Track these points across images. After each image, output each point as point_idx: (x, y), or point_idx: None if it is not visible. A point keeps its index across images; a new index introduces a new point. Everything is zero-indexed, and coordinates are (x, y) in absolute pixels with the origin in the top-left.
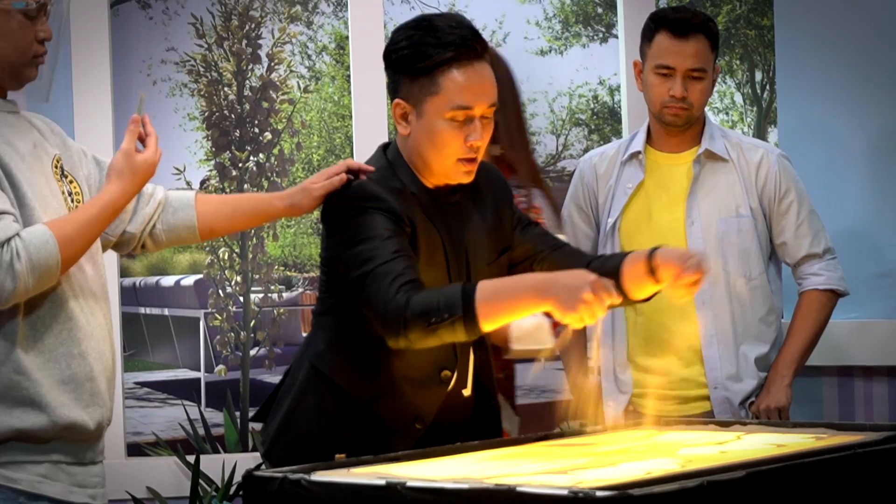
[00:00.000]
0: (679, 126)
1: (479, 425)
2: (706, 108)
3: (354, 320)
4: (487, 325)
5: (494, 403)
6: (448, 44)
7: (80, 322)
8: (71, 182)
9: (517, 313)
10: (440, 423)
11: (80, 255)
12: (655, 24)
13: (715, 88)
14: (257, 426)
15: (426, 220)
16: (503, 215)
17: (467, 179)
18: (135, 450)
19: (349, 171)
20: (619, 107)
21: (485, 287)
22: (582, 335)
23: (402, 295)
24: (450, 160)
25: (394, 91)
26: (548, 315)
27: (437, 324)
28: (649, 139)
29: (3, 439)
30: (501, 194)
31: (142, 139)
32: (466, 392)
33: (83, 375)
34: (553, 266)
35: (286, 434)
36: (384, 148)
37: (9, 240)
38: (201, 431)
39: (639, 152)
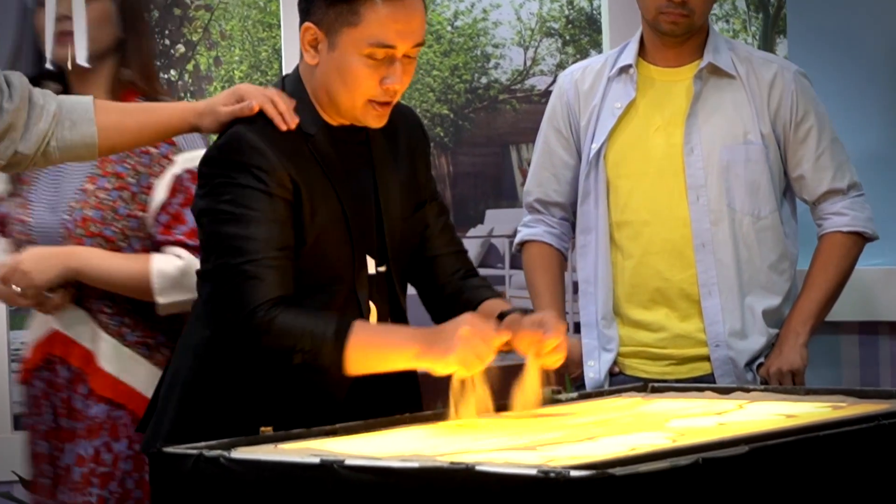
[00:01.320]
0: (677, 36)
1: (397, 398)
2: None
3: None
4: (353, 372)
5: (416, 381)
6: None
7: None
8: None
9: (390, 366)
10: (357, 401)
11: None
12: None
13: None
14: None
15: (321, 174)
16: (418, 166)
17: (378, 124)
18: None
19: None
20: (599, 13)
21: (360, 334)
22: (559, 283)
23: (265, 312)
24: (360, 100)
25: (305, 11)
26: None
27: (297, 358)
28: (642, 51)
29: None
30: (418, 141)
31: None
32: None
33: None
34: (439, 269)
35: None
36: (283, 79)
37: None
38: None
39: (630, 66)
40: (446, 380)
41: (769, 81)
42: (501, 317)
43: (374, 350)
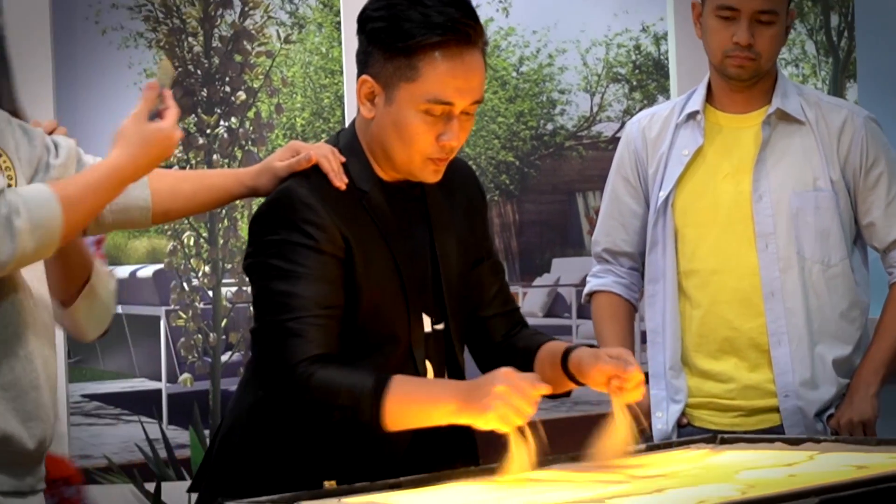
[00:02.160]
0: (744, 80)
1: (455, 449)
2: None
3: None
4: (392, 428)
5: (472, 432)
6: (435, 25)
7: (25, 318)
8: (2, 157)
9: (428, 422)
10: (415, 453)
11: (84, 223)
12: None
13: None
14: None
15: (375, 232)
16: (475, 222)
17: (434, 180)
18: (83, 476)
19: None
20: (666, 59)
21: (397, 389)
22: (628, 333)
23: (305, 369)
24: (417, 157)
25: (363, 64)
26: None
27: (336, 415)
28: (709, 97)
29: None
30: (473, 197)
31: (160, 113)
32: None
33: (27, 383)
34: (492, 329)
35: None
36: (338, 133)
37: (2, 192)
38: (163, 454)
39: (697, 112)
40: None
41: (839, 127)
42: (566, 354)
43: (412, 405)
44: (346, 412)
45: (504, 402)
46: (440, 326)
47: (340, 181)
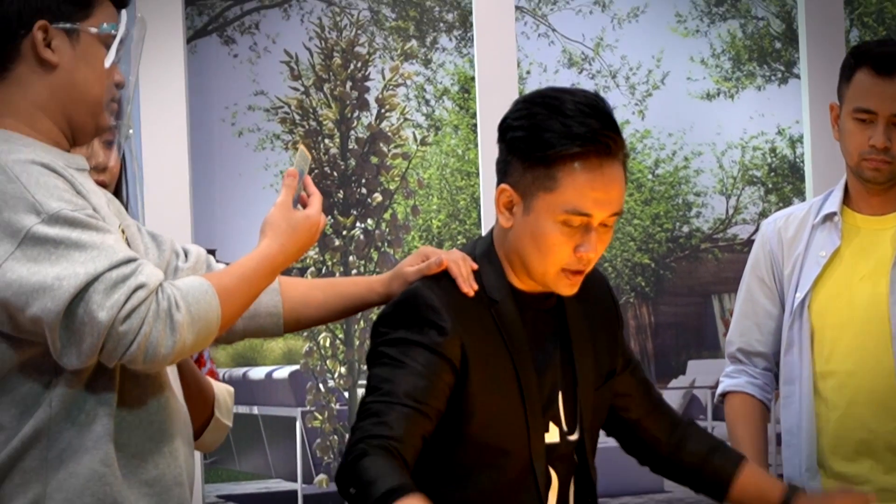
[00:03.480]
0: (881, 183)
1: None
2: None
3: (436, 444)
4: None
5: None
6: (576, 136)
7: (171, 416)
8: None
9: None
10: None
11: (239, 314)
12: (856, 60)
13: None
14: None
15: (500, 342)
16: (611, 335)
17: (570, 292)
18: None
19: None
20: (802, 161)
21: None
22: (762, 434)
23: (362, 447)
24: (553, 267)
25: (502, 172)
26: None
27: (351, 496)
28: (847, 198)
29: None
30: (609, 309)
31: (302, 203)
32: None
33: (171, 479)
34: (646, 429)
35: None
36: (475, 242)
37: (161, 285)
38: None
39: (834, 213)
40: None
41: None
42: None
43: None
44: (354, 500)
45: None
46: (574, 437)
47: (469, 287)
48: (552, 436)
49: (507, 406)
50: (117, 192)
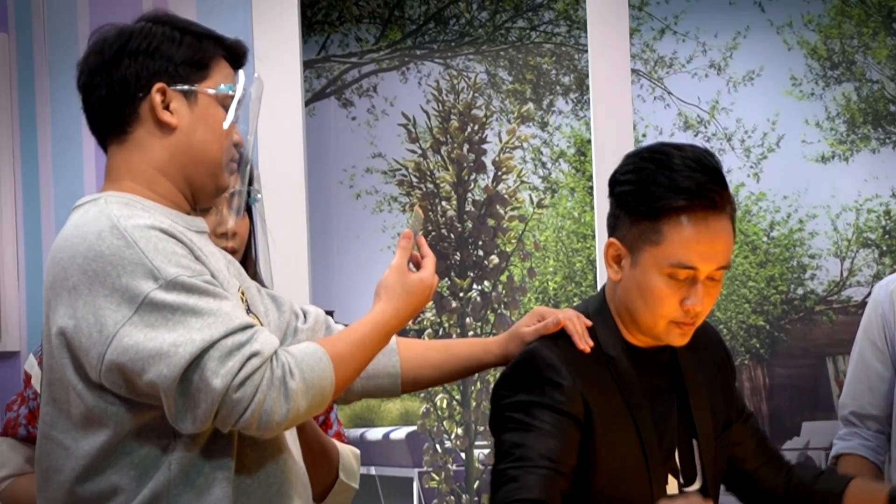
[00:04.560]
0: None
1: None
2: None
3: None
4: None
5: None
6: (682, 189)
7: (290, 478)
8: (255, 318)
9: None
10: None
11: (353, 379)
12: None
13: None
14: None
15: (619, 397)
16: (725, 384)
17: (681, 343)
18: None
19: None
20: None
21: None
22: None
23: None
24: (662, 321)
25: (611, 227)
26: None
27: None
28: None
29: None
30: (722, 359)
31: (416, 263)
32: None
33: None
34: (763, 480)
35: None
36: (588, 299)
37: (276, 353)
38: None
39: None
40: None
41: None
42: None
43: None
44: None
45: None
46: (695, 486)
47: (585, 344)
48: (671, 487)
49: (630, 459)
50: (246, 256)
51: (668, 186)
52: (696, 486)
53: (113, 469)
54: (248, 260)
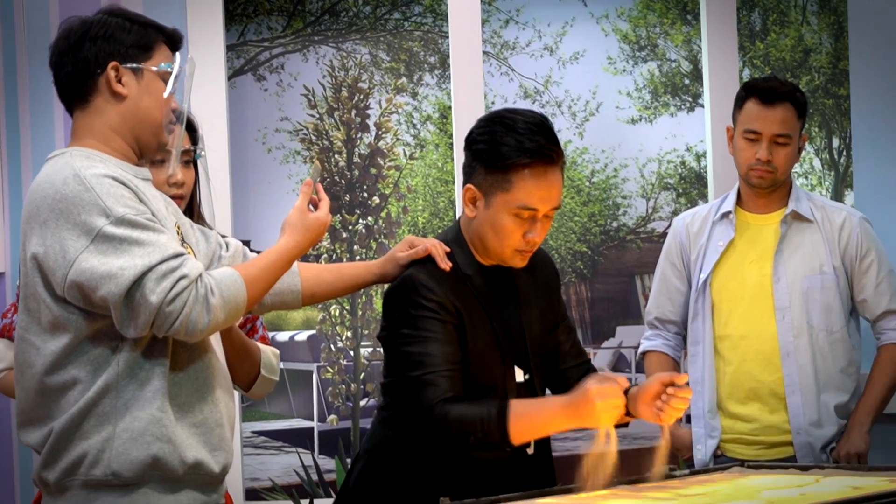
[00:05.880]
0: (764, 188)
1: (539, 478)
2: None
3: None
4: (518, 442)
5: (551, 462)
6: (526, 150)
7: (213, 373)
8: (189, 251)
9: (546, 431)
10: (509, 477)
11: (260, 297)
12: (746, 92)
13: None
14: None
15: (478, 305)
16: (552, 296)
17: (520, 265)
18: (252, 494)
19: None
20: (705, 171)
21: (516, 409)
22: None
23: (441, 408)
24: (508, 249)
25: (468, 175)
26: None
27: (475, 440)
28: (739, 200)
29: (142, 473)
30: (550, 277)
31: (315, 204)
32: (530, 451)
33: (213, 421)
34: (570, 379)
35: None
36: (447, 230)
37: (200, 275)
38: (315, 477)
39: (730, 212)
40: (576, 459)
41: (839, 225)
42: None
43: (532, 420)
44: (479, 436)
45: (602, 399)
46: (528, 377)
47: (445, 264)
48: (519, 375)
49: (490, 352)
50: (193, 200)
51: (516, 147)
52: (528, 376)
53: (73, 365)
54: (193, 203)
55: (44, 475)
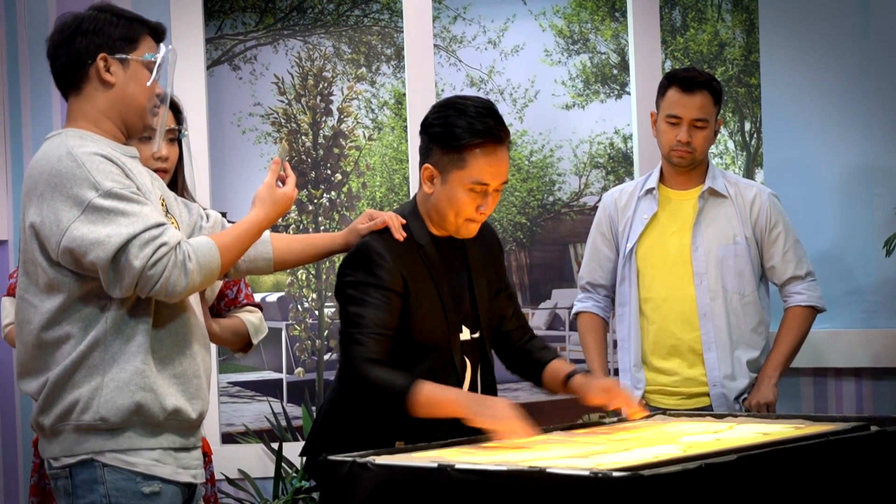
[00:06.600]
0: (684, 167)
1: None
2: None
3: (394, 347)
4: (422, 416)
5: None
6: (478, 131)
7: (192, 329)
8: (172, 221)
9: (446, 416)
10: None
11: (233, 263)
12: (668, 81)
13: None
14: None
15: (427, 273)
16: (496, 264)
17: (471, 235)
18: (228, 438)
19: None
20: (632, 152)
21: (424, 392)
22: (603, 341)
23: (364, 367)
24: (461, 219)
25: (425, 155)
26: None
27: (386, 397)
28: (662, 178)
29: (127, 419)
30: (495, 247)
31: (282, 180)
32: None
33: (191, 373)
34: (512, 339)
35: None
36: (405, 204)
37: (179, 243)
38: (284, 423)
39: (653, 188)
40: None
41: (751, 200)
42: (568, 377)
43: (433, 407)
44: (390, 402)
45: (502, 427)
46: (476, 335)
47: (399, 235)
48: (465, 335)
49: (436, 315)
50: (178, 175)
51: (468, 129)
52: (477, 334)
53: (67, 321)
54: (178, 177)
55: (40, 420)
